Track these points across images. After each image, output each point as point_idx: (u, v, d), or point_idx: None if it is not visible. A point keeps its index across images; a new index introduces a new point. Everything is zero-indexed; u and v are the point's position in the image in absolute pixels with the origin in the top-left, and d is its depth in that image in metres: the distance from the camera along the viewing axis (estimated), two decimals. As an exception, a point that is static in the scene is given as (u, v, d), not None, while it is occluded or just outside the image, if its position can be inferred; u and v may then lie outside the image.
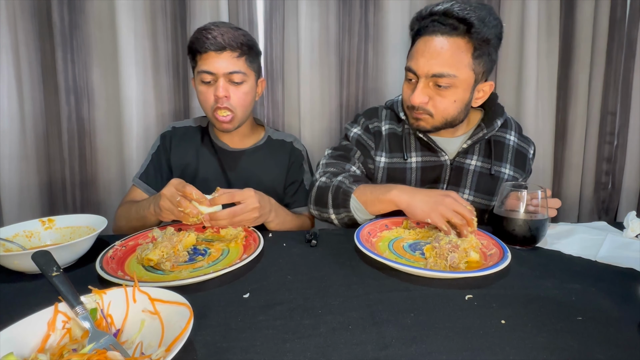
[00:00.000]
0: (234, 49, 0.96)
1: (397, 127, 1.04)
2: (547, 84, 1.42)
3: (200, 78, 0.97)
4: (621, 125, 1.51)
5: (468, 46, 0.86)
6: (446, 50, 0.85)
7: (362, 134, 1.04)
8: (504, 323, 0.52)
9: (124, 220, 0.97)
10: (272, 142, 1.14)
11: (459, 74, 0.87)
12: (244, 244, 0.80)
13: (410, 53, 0.92)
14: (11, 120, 1.29)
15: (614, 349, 0.47)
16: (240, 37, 0.97)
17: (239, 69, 0.97)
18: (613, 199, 1.56)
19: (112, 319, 0.49)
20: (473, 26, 0.84)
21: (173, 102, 1.39)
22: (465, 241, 0.71)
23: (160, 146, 1.10)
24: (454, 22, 0.85)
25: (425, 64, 0.87)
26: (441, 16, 0.85)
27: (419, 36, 0.90)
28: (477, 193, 1.00)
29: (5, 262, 0.65)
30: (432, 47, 0.86)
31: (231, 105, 0.98)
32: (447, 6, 0.85)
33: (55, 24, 1.28)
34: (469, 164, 1.00)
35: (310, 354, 0.46)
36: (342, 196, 0.89)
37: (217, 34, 0.94)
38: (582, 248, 0.78)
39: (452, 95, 0.89)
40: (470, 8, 0.84)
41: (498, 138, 1.02)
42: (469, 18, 0.83)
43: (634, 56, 1.44)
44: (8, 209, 1.31)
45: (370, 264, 0.70)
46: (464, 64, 0.87)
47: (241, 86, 0.99)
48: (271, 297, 0.59)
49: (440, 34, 0.86)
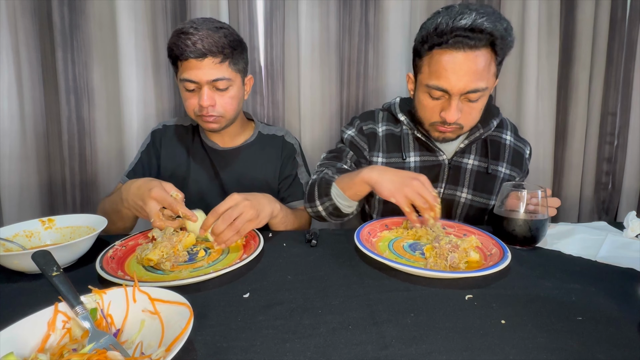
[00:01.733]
0: (216, 55, 0.90)
1: (395, 128, 1.04)
2: (548, 85, 1.42)
3: (183, 85, 0.94)
4: (621, 126, 1.51)
5: (493, 56, 0.85)
6: (478, 65, 0.83)
7: (355, 135, 1.05)
8: (504, 323, 0.52)
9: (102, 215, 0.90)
10: (263, 137, 1.12)
11: (489, 85, 0.87)
12: (244, 244, 0.80)
13: (433, 69, 0.87)
14: (11, 120, 1.29)
15: (614, 349, 0.47)
16: (221, 39, 0.90)
17: (223, 75, 0.92)
18: (613, 199, 1.56)
19: (112, 318, 0.49)
20: (498, 38, 0.82)
21: (173, 102, 1.39)
22: (465, 241, 0.71)
23: (150, 144, 1.08)
24: (481, 35, 0.81)
25: (457, 81, 0.84)
26: (467, 31, 0.81)
27: (436, 50, 0.85)
28: (475, 192, 1.01)
29: (6, 262, 0.65)
30: (462, 63, 0.83)
31: (217, 112, 0.96)
32: (472, 21, 0.81)
33: (56, 24, 1.28)
34: (466, 163, 1.01)
35: (310, 354, 0.46)
36: (325, 185, 0.91)
37: (196, 39, 0.88)
38: (582, 248, 0.78)
39: (480, 105, 0.90)
40: (492, 19, 0.82)
41: (494, 137, 1.04)
42: (496, 31, 0.81)
43: (634, 57, 1.44)
44: (8, 208, 1.31)
45: (370, 264, 0.70)
46: (491, 73, 0.87)
47: (227, 91, 0.96)
48: (271, 297, 0.59)
49: (469, 48, 0.82)
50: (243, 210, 0.74)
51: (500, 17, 0.85)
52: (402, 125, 1.03)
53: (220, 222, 0.73)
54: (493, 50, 0.84)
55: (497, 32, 0.82)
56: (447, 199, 1.01)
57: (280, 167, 1.11)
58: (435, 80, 0.87)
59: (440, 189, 1.02)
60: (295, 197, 1.08)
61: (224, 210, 0.74)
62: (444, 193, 1.02)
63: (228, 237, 0.73)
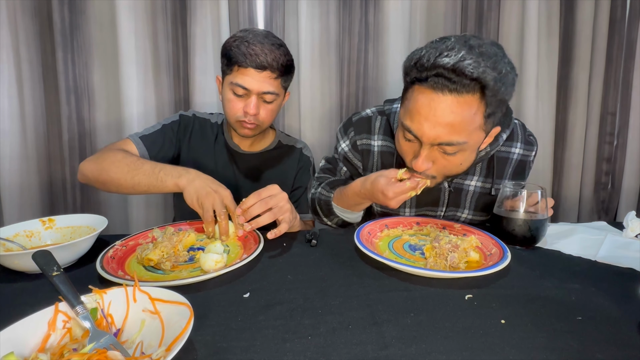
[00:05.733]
0: (274, 70, 0.95)
1: (391, 144, 0.95)
2: (547, 85, 1.42)
3: (232, 89, 0.97)
4: (621, 126, 1.51)
5: (480, 105, 0.70)
6: (456, 115, 0.70)
7: (348, 151, 0.99)
8: (503, 323, 0.52)
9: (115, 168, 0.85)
10: (282, 146, 1.15)
11: (469, 139, 0.73)
12: (243, 244, 0.80)
13: (409, 108, 0.75)
14: (12, 120, 1.29)
15: (614, 348, 0.47)
16: (281, 57, 0.96)
17: (274, 90, 0.97)
18: (613, 199, 1.56)
19: (112, 318, 0.49)
20: (488, 87, 0.68)
21: (173, 102, 1.39)
22: (465, 241, 0.71)
23: (177, 125, 1.07)
24: (464, 80, 0.67)
25: (430, 129, 0.72)
26: (449, 71, 0.68)
27: (417, 85, 0.73)
28: (475, 212, 0.97)
29: (6, 261, 0.65)
30: (437, 109, 0.70)
31: (257, 121, 1.00)
32: (456, 60, 0.67)
33: (56, 24, 1.28)
34: (468, 185, 0.94)
35: (310, 353, 0.46)
36: (325, 206, 0.93)
37: (260, 52, 0.93)
38: (582, 248, 0.78)
39: (458, 159, 0.77)
40: (484, 62, 0.67)
41: (502, 154, 0.93)
42: (483, 78, 0.67)
43: (634, 56, 1.44)
44: (8, 208, 1.31)
45: (370, 264, 0.70)
46: (475, 126, 0.73)
47: (271, 104, 1.00)
48: (271, 297, 0.59)
49: (448, 92, 0.69)
50: (280, 201, 0.78)
51: (500, 61, 0.70)
52: None
53: (258, 205, 0.77)
54: (483, 100, 0.70)
55: (485, 80, 0.67)
56: (447, 218, 0.98)
57: (294, 178, 1.14)
58: (408, 121, 0.76)
59: (441, 212, 0.98)
60: (302, 210, 1.10)
61: (265, 197, 0.77)
62: (444, 216, 0.99)
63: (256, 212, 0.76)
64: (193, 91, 1.34)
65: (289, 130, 1.43)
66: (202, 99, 1.35)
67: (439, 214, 0.99)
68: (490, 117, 0.74)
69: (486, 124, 0.74)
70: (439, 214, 0.99)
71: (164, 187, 0.83)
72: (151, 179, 0.83)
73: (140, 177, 0.84)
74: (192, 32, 1.30)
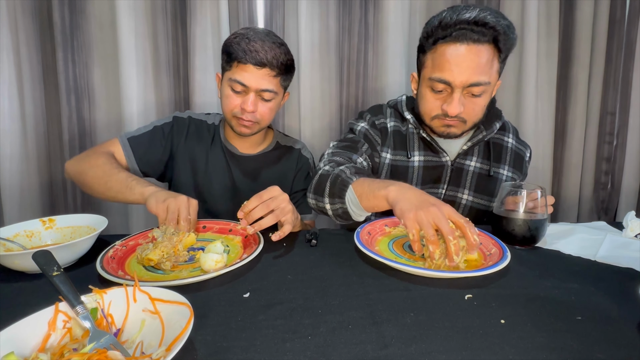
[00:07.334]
0: (273, 68, 0.95)
1: (402, 126, 1.04)
2: (547, 84, 1.42)
3: (231, 85, 0.97)
4: (620, 125, 1.51)
5: (496, 52, 0.86)
6: (480, 58, 0.84)
7: (369, 128, 1.04)
8: (503, 323, 0.52)
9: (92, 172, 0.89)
10: (281, 147, 1.15)
11: (491, 80, 0.88)
12: (244, 244, 0.80)
13: (437, 62, 0.88)
14: (12, 120, 1.29)
15: (614, 348, 0.47)
16: (281, 56, 0.96)
17: (272, 87, 0.97)
18: (612, 199, 1.56)
19: (112, 318, 0.49)
20: (501, 34, 0.84)
21: (173, 102, 1.39)
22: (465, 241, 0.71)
23: (170, 127, 1.06)
24: (484, 29, 0.83)
25: (461, 73, 0.85)
26: (471, 24, 0.83)
27: (440, 43, 0.87)
28: (476, 194, 1.01)
29: (6, 261, 0.65)
30: (465, 56, 0.84)
31: (255, 118, 1.00)
32: (477, 14, 0.83)
33: (56, 24, 1.28)
34: (468, 165, 1.01)
35: (310, 353, 0.46)
36: (340, 185, 0.82)
37: (260, 49, 0.93)
38: (581, 248, 0.78)
39: (483, 101, 0.90)
40: (495, 15, 0.84)
41: (496, 140, 1.04)
42: (500, 26, 0.83)
43: (633, 56, 1.44)
44: (9, 208, 1.31)
45: (370, 264, 0.70)
46: (495, 69, 0.88)
47: (269, 102, 1.00)
48: (271, 297, 0.59)
49: (472, 42, 0.84)
50: (282, 203, 0.78)
51: (503, 15, 0.86)
52: (408, 124, 1.03)
53: (260, 207, 0.76)
54: (496, 47, 0.86)
55: (500, 28, 0.83)
56: (448, 201, 1.01)
57: (293, 180, 1.13)
58: (438, 72, 0.88)
59: (442, 190, 1.02)
60: (302, 211, 1.08)
61: (267, 199, 0.77)
62: (445, 194, 1.02)
63: (258, 215, 0.76)
64: (193, 91, 1.34)
65: (288, 130, 1.43)
66: (202, 99, 1.35)
67: (440, 191, 1.02)
68: (502, 63, 0.89)
69: (500, 69, 0.90)
70: (440, 191, 1.02)
71: (131, 194, 0.85)
72: (121, 186, 0.86)
73: (113, 183, 0.87)
74: (192, 32, 1.31)
